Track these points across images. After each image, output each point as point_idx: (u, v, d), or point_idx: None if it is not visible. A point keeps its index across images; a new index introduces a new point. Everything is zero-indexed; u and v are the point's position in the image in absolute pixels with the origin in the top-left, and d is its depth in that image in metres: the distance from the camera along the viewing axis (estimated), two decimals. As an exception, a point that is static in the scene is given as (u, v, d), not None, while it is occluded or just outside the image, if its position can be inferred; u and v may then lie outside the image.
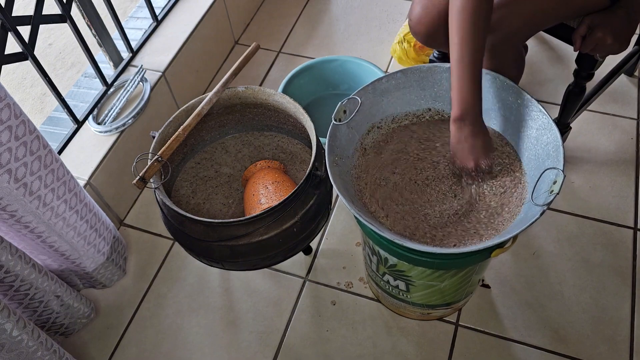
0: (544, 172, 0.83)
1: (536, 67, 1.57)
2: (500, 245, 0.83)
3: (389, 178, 0.97)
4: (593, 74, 1.15)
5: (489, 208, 0.92)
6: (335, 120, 0.93)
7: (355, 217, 0.87)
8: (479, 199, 0.93)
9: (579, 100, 1.22)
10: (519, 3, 0.98)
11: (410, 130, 1.02)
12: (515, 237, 0.80)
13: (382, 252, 0.94)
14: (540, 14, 1.00)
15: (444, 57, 1.42)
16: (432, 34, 1.08)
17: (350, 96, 0.95)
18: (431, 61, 1.42)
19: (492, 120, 0.98)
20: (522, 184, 0.91)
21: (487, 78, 0.95)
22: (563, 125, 1.30)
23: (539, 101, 0.90)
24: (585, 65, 1.12)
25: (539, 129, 0.89)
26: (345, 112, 0.94)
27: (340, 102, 0.94)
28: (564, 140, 1.34)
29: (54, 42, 2.01)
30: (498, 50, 1.03)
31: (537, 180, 0.84)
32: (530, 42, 1.62)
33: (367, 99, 0.97)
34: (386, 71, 1.60)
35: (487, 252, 0.85)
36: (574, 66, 1.14)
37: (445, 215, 0.92)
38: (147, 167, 1.01)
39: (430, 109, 1.01)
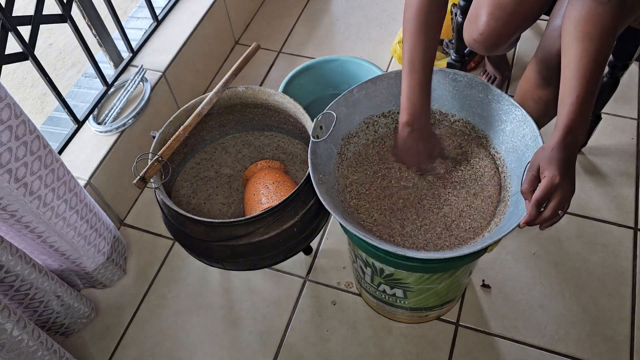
0: (527, 164, 0.83)
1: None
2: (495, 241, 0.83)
3: (373, 189, 0.97)
4: (628, 65, 1.12)
5: (475, 205, 0.92)
6: (314, 137, 0.92)
7: (347, 232, 0.87)
8: (446, 181, 0.95)
9: (613, 91, 1.20)
10: None
11: (386, 138, 1.02)
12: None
13: (377, 263, 0.94)
14: None
15: (462, 59, 1.41)
16: (503, 40, 1.04)
17: (325, 111, 0.94)
18: (449, 65, 1.42)
19: (465, 118, 0.99)
20: (505, 177, 0.92)
21: (455, 77, 0.96)
22: (594, 116, 1.29)
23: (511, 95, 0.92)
24: (622, 56, 1.10)
25: (514, 122, 0.91)
26: (321, 127, 0.94)
27: (315, 119, 0.93)
28: (593, 131, 1.34)
29: (54, 42, 2.01)
30: (556, 78, 1.02)
31: (523, 173, 0.84)
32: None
33: (341, 112, 0.96)
34: (386, 71, 1.59)
35: (483, 250, 0.85)
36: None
37: (435, 218, 0.92)
38: (147, 167, 1.01)
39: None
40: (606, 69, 1.15)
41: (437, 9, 0.89)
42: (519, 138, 0.90)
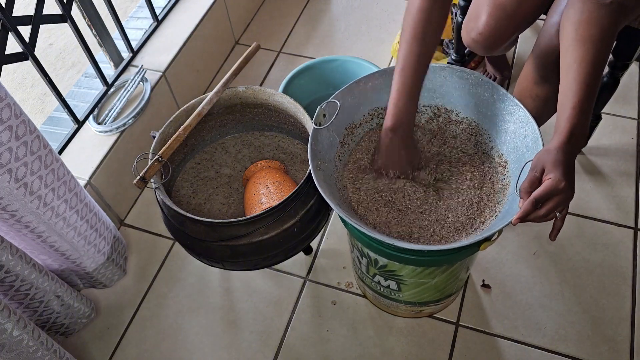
0: (525, 164, 0.84)
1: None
2: (488, 238, 0.84)
3: (371, 179, 0.97)
4: (629, 65, 1.12)
5: (472, 202, 0.93)
6: (316, 124, 0.92)
7: (343, 220, 0.87)
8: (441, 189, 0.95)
9: (613, 91, 1.19)
10: None
11: None
12: (500, 230, 0.81)
13: (371, 254, 0.94)
14: None
15: (462, 59, 1.42)
16: (502, 41, 1.04)
17: (329, 99, 0.95)
18: (449, 64, 1.42)
19: (470, 115, 0.99)
20: (505, 177, 0.92)
21: (462, 75, 0.96)
22: (594, 115, 1.29)
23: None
24: (622, 56, 1.10)
25: (516, 123, 0.91)
26: (325, 115, 0.94)
27: (319, 106, 0.93)
28: (593, 131, 1.34)
29: (54, 42, 2.01)
30: (553, 75, 1.01)
31: (520, 173, 0.84)
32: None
33: (346, 102, 0.97)
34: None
35: (476, 246, 0.86)
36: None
37: (430, 212, 0.93)
38: (147, 167, 1.01)
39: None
40: (606, 69, 1.15)
41: (437, 19, 0.88)
42: (520, 139, 0.90)
